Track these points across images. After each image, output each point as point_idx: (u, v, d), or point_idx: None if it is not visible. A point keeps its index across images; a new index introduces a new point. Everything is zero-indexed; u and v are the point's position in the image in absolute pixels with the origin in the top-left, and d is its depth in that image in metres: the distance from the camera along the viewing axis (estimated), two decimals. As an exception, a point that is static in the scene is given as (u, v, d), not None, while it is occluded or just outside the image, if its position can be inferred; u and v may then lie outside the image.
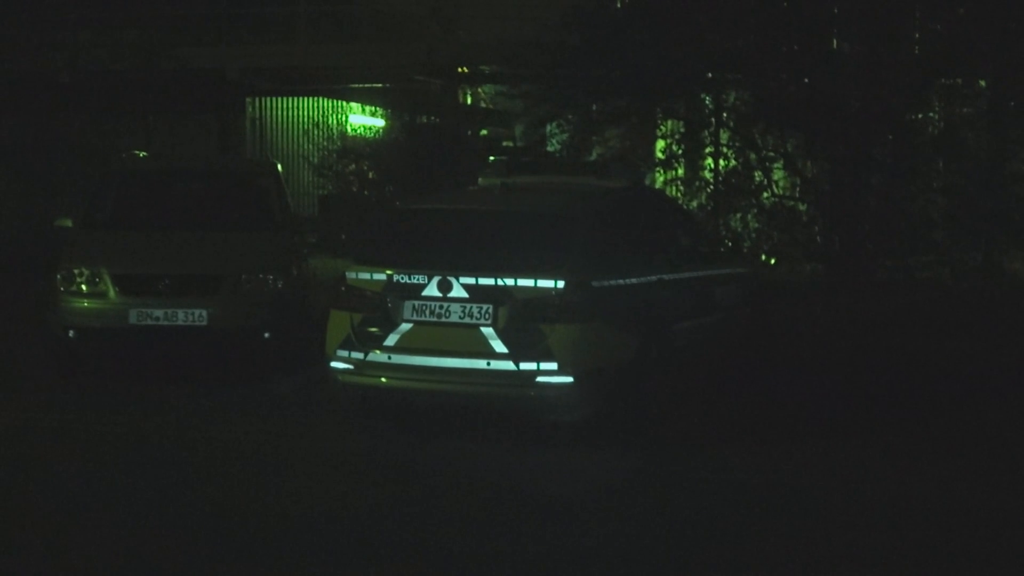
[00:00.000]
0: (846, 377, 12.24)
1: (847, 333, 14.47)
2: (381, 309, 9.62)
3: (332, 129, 23.77)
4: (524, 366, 9.26)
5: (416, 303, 9.53)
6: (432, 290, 9.49)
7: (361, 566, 6.87)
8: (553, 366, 9.23)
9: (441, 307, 9.47)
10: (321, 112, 26.06)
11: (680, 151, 18.59)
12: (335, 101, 26.48)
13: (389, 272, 9.65)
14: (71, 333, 11.89)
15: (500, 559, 6.94)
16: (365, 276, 9.77)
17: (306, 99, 26.57)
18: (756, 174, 17.69)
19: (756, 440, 9.77)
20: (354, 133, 23.88)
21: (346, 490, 8.35)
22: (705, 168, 19.12)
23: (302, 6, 24.10)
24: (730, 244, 14.05)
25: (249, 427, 10.17)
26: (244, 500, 8.08)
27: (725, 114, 18.09)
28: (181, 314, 11.75)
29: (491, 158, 13.29)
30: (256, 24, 25.13)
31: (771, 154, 17.57)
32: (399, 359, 9.57)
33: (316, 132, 23.77)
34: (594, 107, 18.01)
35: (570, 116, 18.27)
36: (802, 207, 17.71)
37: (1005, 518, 7.81)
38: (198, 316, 11.76)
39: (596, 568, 6.86)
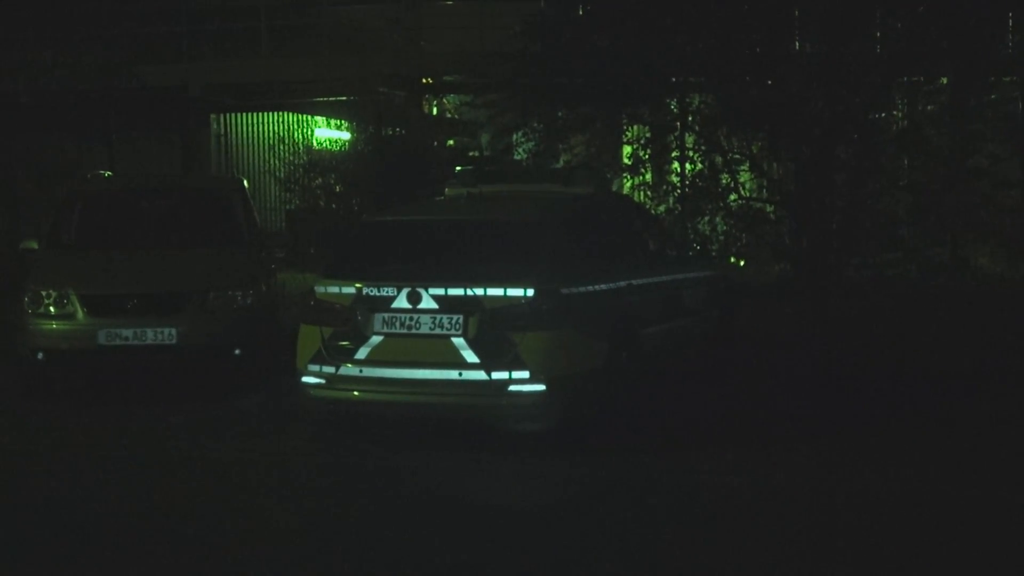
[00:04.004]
0: (818, 378, 12.27)
1: (817, 333, 14.51)
2: (351, 322, 9.60)
3: (298, 143, 23.69)
4: (496, 375, 9.26)
5: (386, 315, 9.51)
6: (402, 302, 9.47)
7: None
8: (525, 374, 9.24)
9: (411, 319, 9.46)
10: (286, 127, 25.96)
11: (646, 156, 18.63)
12: (300, 115, 26.40)
13: (358, 285, 9.63)
14: (39, 355, 11.82)
15: (475, 569, 6.93)
16: (334, 290, 9.75)
17: (271, 114, 26.47)
18: (723, 177, 17.73)
19: (728, 444, 9.76)
20: (320, 147, 23.80)
21: (319, 504, 8.31)
22: (672, 172, 19.16)
23: (263, 20, 24.02)
24: (698, 247, 14.08)
25: (220, 444, 10.12)
26: (216, 517, 8.03)
27: (690, 118, 18.13)
28: (150, 333, 11.69)
29: (457, 168, 13.26)
30: (218, 40, 25.03)
31: (737, 156, 17.62)
32: (370, 372, 9.55)
33: (282, 147, 23.68)
34: (560, 114, 18.03)
35: (536, 124, 18.30)
36: (769, 208, 17.77)
37: (986, 516, 7.83)
38: (167, 335, 11.71)
39: (570, 575, 6.85)
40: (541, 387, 9.25)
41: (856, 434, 10.05)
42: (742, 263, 18.28)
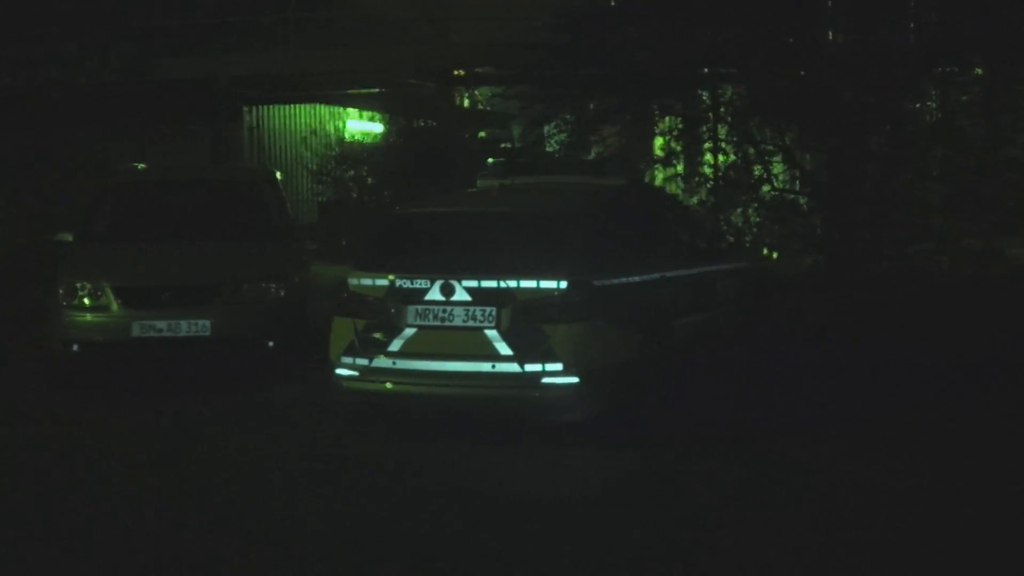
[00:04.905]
0: (849, 372, 12.18)
1: (848, 326, 14.42)
2: (384, 315, 9.60)
3: (330, 135, 23.76)
4: (529, 367, 9.24)
5: (419, 308, 9.51)
6: (435, 294, 9.47)
7: (363, 571, 6.86)
8: (558, 367, 9.21)
9: (444, 311, 9.46)
10: (319, 119, 26.05)
11: (678, 147, 18.59)
12: (332, 108, 26.49)
13: (391, 277, 9.63)
14: (74, 347, 11.84)
15: (503, 561, 6.93)
16: (367, 282, 9.76)
17: (303, 106, 26.58)
18: (755, 168, 17.68)
19: (759, 438, 9.72)
20: (352, 139, 23.87)
21: (350, 496, 8.31)
22: (704, 164, 19.12)
23: (292, 13, 24.07)
24: (731, 239, 14.04)
25: (252, 436, 10.13)
26: (246, 509, 8.05)
27: (722, 109, 18.08)
28: (184, 325, 11.71)
29: (489, 160, 13.25)
30: (246, 32, 25.11)
31: (769, 147, 17.56)
32: (404, 364, 9.55)
33: (314, 139, 23.76)
34: (591, 106, 18.01)
35: (567, 116, 18.29)
36: (802, 200, 17.71)
37: (1009, 516, 7.77)
38: (201, 326, 11.72)
39: (599, 568, 6.84)
40: (574, 379, 9.23)
41: (888, 431, 9.94)
42: (775, 255, 18.23)
